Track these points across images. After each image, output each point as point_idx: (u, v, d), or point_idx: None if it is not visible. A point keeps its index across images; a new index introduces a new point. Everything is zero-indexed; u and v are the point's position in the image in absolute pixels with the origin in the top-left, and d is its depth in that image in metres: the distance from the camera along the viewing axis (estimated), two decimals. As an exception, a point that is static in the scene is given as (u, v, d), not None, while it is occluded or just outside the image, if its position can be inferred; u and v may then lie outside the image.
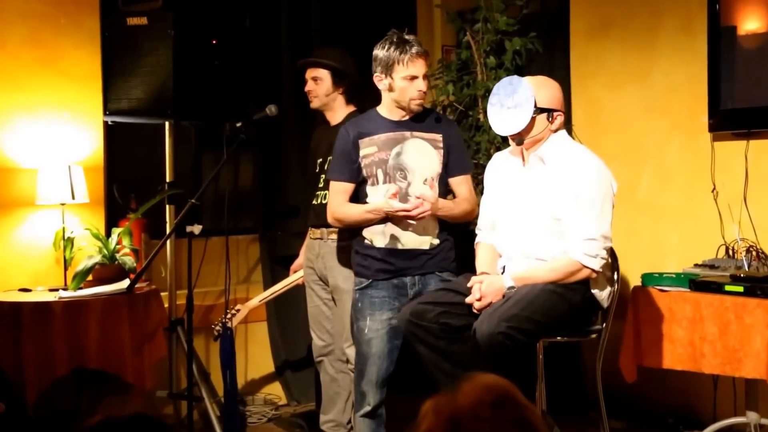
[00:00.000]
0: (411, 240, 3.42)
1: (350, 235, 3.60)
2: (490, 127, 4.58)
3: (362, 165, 3.44)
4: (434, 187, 3.42)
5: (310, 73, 3.97)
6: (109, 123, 4.35)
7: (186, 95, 4.15)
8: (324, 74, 3.92)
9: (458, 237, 3.63)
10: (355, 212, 3.45)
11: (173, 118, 4.27)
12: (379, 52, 3.40)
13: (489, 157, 4.57)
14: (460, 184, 3.54)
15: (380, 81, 3.43)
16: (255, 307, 4.34)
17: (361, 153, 3.44)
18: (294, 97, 4.70)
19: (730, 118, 4.00)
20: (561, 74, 4.59)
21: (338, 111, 3.94)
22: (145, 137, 4.67)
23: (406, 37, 3.38)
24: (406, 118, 3.46)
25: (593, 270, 3.17)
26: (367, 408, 3.46)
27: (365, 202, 3.45)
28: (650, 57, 4.41)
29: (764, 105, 3.90)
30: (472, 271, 3.39)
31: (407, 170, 3.41)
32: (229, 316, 4.17)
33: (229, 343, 4.20)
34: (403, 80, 3.37)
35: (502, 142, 4.59)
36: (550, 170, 3.25)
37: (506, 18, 4.65)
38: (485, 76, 4.70)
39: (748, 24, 3.99)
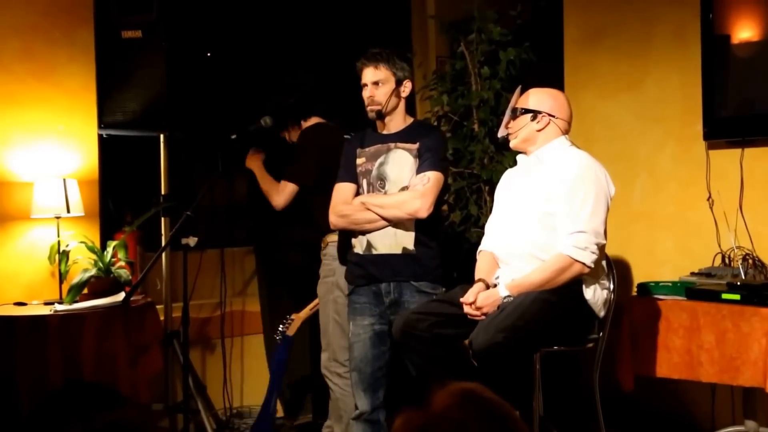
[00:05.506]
0: (383, 245, 3.43)
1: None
2: (484, 137, 4.61)
3: None
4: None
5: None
6: (104, 136, 4.35)
7: (180, 107, 4.15)
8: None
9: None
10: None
11: (168, 131, 4.27)
12: None
13: (483, 166, 4.59)
14: (416, 179, 3.43)
15: None
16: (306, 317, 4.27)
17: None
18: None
19: (725, 126, 4.00)
20: (554, 83, 4.58)
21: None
22: (139, 150, 4.67)
23: (377, 48, 3.46)
24: (393, 131, 3.49)
25: (584, 264, 3.11)
26: (357, 412, 3.49)
27: None
28: (643, 65, 4.41)
29: (759, 113, 3.90)
30: (470, 281, 3.38)
31: (386, 180, 3.45)
32: (287, 324, 4.17)
33: (285, 351, 4.19)
34: (362, 89, 3.48)
35: (495, 152, 4.60)
36: (547, 169, 3.30)
37: (500, 28, 4.67)
38: (479, 86, 4.71)
39: (742, 32, 3.99)
